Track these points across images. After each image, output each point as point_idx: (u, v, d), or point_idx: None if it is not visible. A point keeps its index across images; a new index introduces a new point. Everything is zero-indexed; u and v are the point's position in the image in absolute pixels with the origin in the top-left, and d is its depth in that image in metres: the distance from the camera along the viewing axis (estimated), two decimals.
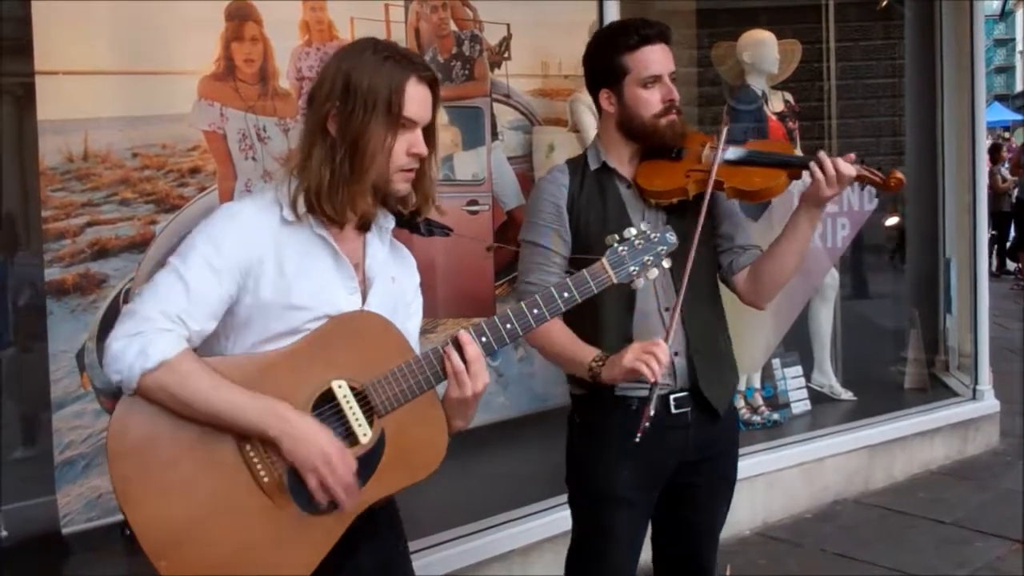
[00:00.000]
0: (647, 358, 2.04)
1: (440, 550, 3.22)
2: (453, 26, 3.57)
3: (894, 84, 6.25)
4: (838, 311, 5.24)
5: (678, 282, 2.15)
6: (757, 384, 4.82)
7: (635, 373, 2.06)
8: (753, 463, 4.15)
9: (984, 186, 5.49)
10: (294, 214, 1.69)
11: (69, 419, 2.68)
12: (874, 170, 2.17)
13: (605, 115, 2.33)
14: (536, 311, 1.75)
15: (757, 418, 4.68)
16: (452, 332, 1.73)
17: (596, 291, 1.80)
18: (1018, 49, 40.65)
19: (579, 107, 3.81)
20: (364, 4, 3.30)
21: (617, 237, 1.83)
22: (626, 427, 2.11)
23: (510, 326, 1.74)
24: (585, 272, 1.79)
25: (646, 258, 1.82)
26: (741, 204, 2.43)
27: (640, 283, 1.84)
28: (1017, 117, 28.08)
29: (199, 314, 1.62)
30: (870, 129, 6.37)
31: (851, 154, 2.19)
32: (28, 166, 2.93)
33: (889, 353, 5.74)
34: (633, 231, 1.83)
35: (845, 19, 5.91)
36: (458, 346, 1.70)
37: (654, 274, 1.84)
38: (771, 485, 4.31)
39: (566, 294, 1.77)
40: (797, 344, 5.02)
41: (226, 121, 2.93)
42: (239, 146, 2.96)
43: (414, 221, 1.83)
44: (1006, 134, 22.47)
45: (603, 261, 1.80)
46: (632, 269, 1.81)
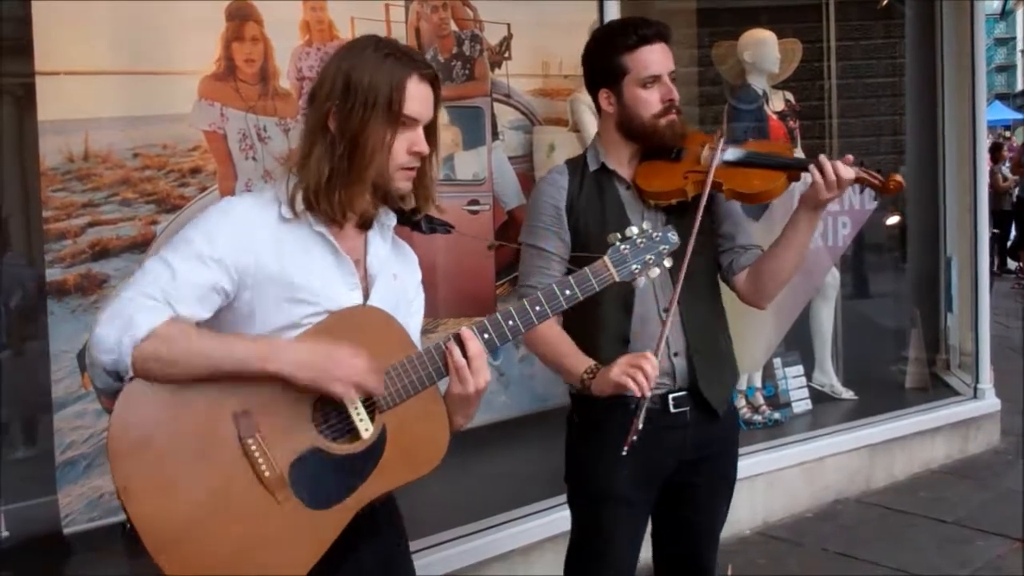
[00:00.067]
0: (634, 372, 2.02)
1: (441, 550, 3.22)
2: (453, 26, 3.57)
3: (895, 83, 6.24)
4: (839, 310, 5.24)
5: (676, 283, 2.14)
6: (758, 383, 4.82)
7: (623, 388, 2.05)
8: (754, 462, 4.15)
9: (985, 185, 5.47)
10: (292, 211, 1.68)
11: (70, 419, 2.68)
12: (873, 173, 2.17)
13: (604, 115, 2.32)
14: (538, 308, 1.75)
15: (758, 417, 4.67)
16: (453, 331, 1.73)
17: (598, 289, 1.79)
18: (1019, 48, 40.66)
19: (579, 107, 3.81)
20: (364, 4, 3.30)
21: (619, 235, 1.82)
22: (625, 427, 2.11)
23: (512, 323, 1.74)
24: (587, 269, 1.79)
25: (648, 257, 1.82)
26: (741, 204, 2.43)
27: (641, 282, 1.84)
28: (1018, 116, 28.09)
29: (184, 297, 1.60)
30: (871, 128, 6.36)
31: (849, 156, 2.18)
32: (29, 166, 2.93)
33: (890, 352, 5.74)
34: (635, 229, 1.83)
35: (846, 18, 5.91)
36: (460, 342, 1.70)
37: (655, 273, 1.84)
38: (772, 484, 4.31)
39: (568, 291, 1.77)
40: (798, 343, 5.01)
41: (226, 121, 2.93)
42: (239, 146, 2.96)
43: (415, 219, 1.82)
44: (1007, 133, 22.45)
45: (605, 259, 1.80)
46: (634, 267, 1.81)
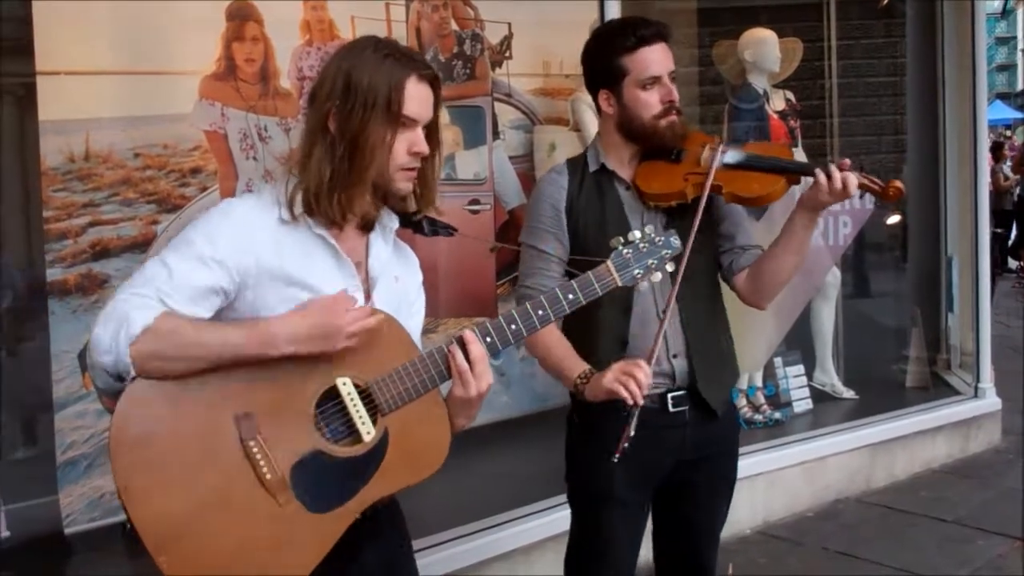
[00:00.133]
0: (626, 380, 2.01)
1: (442, 549, 3.22)
2: (454, 25, 3.57)
3: (896, 82, 6.24)
4: (840, 309, 5.23)
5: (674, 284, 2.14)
6: (759, 383, 4.82)
7: (615, 395, 2.03)
8: (755, 462, 4.15)
9: (986, 184, 5.47)
10: (291, 214, 1.68)
11: (71, 419, 2.69)
12: (874, 179, 2.17)
13: (604, 116, 2.31)
14: (541, 312, 1.75)
15: (759, 417, 4.67)
16: (454, 332, 1.72)
17: (601, 293, 1.79)
18: (1019, 47, 40.65)
19: (580, 106, 3.81)
20: (365, 3, 3.30)
21: (622, 240, 1.82)
22: (620, 432, 2.09)
23: (515, 327, 1.74)
24: (590, 274, 1.79)
25: (651, 261, 1.82)
26: None
27: (644, 286, 1.85)
28: (1019, 115, 28.07)
29: (179, 295, 1.60)
30: (871, 127, 6.36)
31: (846, 160, 2.16)
32: (29, 166, 2.93)
33: (891, 351, 5.73)
34: (638, 234, 1.83)
35: (846, 17, 5.90)
36: (462, 345, 1.70)
37: (658, 278, 1.84)
38: (773, 484, 4.31)
39: (571, 296, 1.77)
40: (799, 343, 5.01)
41: (227, 121, 2.93)
42: (240, 146, 2.96)
43: (418, 221, 1.82)
44: (1008, 132, 22.48)
45: (608, 264, 1.80)
46: (636, 272, 1.81)
